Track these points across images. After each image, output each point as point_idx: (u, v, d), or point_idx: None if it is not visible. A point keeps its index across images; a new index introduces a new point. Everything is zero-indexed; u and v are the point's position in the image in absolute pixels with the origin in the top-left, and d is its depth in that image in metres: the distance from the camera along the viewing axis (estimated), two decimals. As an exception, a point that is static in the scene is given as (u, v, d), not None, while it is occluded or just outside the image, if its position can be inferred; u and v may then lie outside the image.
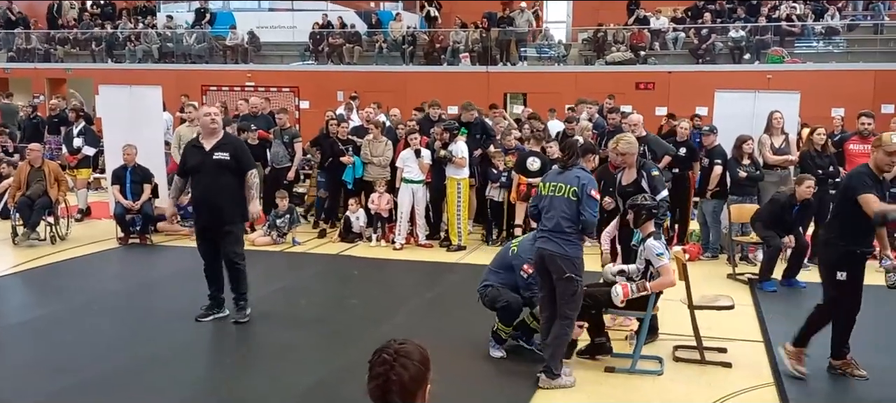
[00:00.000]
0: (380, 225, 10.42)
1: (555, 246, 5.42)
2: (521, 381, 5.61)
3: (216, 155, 6.57)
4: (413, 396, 2.42)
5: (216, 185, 6.58)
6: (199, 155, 6.64)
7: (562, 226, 5.41)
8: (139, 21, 24.40)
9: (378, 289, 8.41)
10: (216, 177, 6.57)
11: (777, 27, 18.93)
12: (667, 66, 19.11)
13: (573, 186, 5.44)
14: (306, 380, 5.62)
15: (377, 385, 2.40)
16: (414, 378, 2.41)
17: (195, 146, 6.77)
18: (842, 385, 5.60)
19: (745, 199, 9.22)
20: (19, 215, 10.13)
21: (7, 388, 5.40)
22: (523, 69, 20.27)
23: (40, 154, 10.56)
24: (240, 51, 22.17)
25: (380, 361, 2.42)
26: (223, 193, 6.59)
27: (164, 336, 6.58)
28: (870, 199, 5.21)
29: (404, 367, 2.40)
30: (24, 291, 8.30)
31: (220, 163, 6.56)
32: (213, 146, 6.61)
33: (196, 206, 6.89)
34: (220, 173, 6.58)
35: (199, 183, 6.68)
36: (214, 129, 6.66)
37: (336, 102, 16.40)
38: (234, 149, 6.71)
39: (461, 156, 9.80)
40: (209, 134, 6.66)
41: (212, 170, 6.57)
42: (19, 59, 23.82)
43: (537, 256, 5.56)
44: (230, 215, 6.67)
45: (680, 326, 6.30)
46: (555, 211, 5.47)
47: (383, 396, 2.40)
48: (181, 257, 9.81)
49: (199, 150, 6.68)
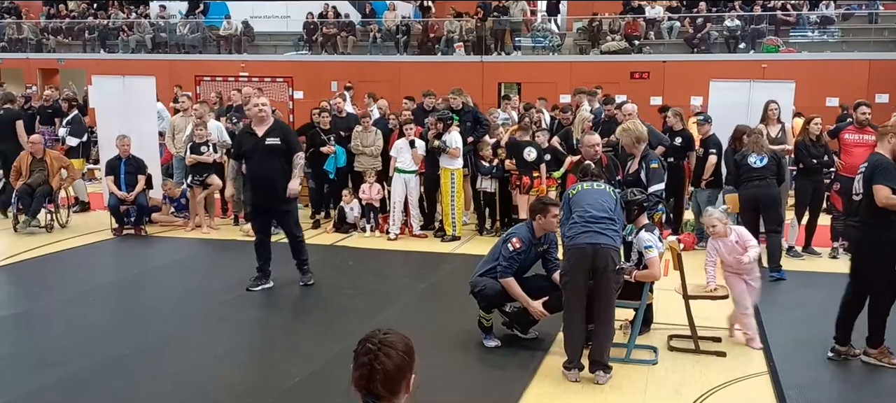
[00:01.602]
0: (373, 215, 10.40)
1: (607, 239, 5.29)
2: (515, 371, 5.60)
3: (268, 140, 7.27)
4: (397, 385, 2.42)
5: (269, 167, 7.28)
6: (253, 140, 7.34)
7: (610, 216, 5.37)
8: (132, 11, 24.25)
9: (372, 280, 8.39)
10: (268, 161, 7.28)
11: (772, 16, 18.92)
12: (662, 55, 19.09)
13: (610, 187, 5.57)
14: (299, 370, 5.61)
15: (361, 375, 2.41)
16: (398, 367, 2.41)
17: (248, 132, 7.48)
18: (837, 374, 5.62)
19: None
20: (20, 203, 10.19)
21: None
22: (518, 58, 20.22)
23: (42, 144, 10.67)
24: (233, 41, 22.07)
25: (364, 351, 2.42)
26: (276, 174, 7.29)
27: (157, 326, 6.56)
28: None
29: (388, 356, 2.40)
30: (16, 283, 8.25)
31: (272, 148, 7.26)
32: (265, 132, 7.29)
33: (253, 186, 7.71)
34: (272, 156, 7.28)
35: (254, 165, 7.40)
36: (264, 118, 7.34)
37: (330, 92, 16.35)
38: (283, 133, 7.44)
39: (455, 146, 9.78)
40: (260, 122, 7.35)
41: (264, 154, 7.26)
42: (11, 49, 23.66)
43: (582, 252, 5.28)
44: (284, 194, 7.33)
45: (675, 315, 6.30)
46: (597, 202, 5.42)
47: (367, 385, 2.40)
48: (176, 248, 9.81)
49: (252, 136, 7.37)
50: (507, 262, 5.85)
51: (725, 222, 6.22)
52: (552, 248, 6.11)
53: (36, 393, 5.17)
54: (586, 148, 6.96)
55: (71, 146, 12.04)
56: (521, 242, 5.86)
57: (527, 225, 6.10)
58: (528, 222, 6.13)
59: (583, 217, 5.38)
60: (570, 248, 5.39)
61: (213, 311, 6.87)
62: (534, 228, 5.96)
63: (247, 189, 7.95)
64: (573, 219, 5.44)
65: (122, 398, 5.17)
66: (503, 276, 5.85)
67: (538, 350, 5.98)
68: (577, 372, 5.42)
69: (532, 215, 6.05)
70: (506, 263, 5.85)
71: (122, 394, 5.22)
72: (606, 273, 5.27)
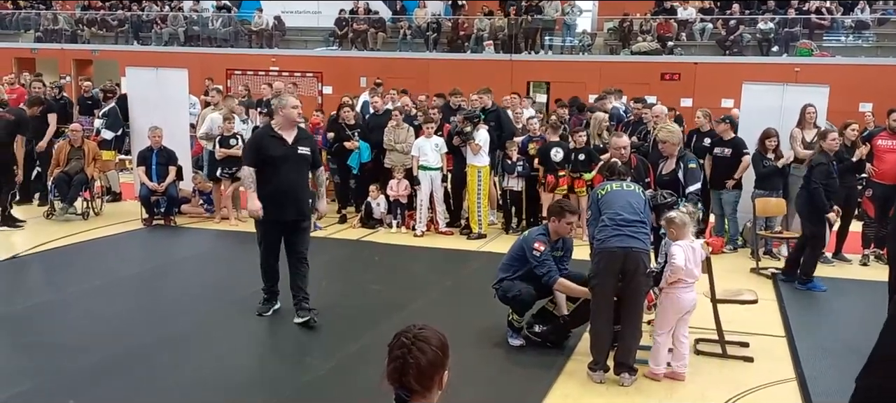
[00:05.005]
0: (400, 211, 10.43)
1: (638, 243, 5.25)
2: (539, 371, 5.59)
3: (300, 149, 6.37)
4: (430, 381, 2.43)
5: (299, 179, 6.43)
6: (282, 147, 6.31)
7: (641, 219, 5.33)
8: (165, 4, 24.54)
9: (398, 275, 8.42)
10: (299, 171, 6.42)
11: (806, 20, 18.65)
12: (693, 56, 18.90)
13: (638, 186, 5.53)
14: (323, 363, 5.65)
15: (394, 368, 2.42)
16: (431, 362, 2.42)
17: (274, 136, 6.37)
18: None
19: (770, 193, 9.11)
20: (57, 190, 10.38)
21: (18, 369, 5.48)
22: (547, 58, 20.14)
23: (81, 134, 10.87)
24: (265, 35, 22.24)
25: (398, 344, 2.44)
26: (303, 187, 6.49)
27: (182, 317, 6.65)
28: None
29: (422, 351, 2.41)
30: (47, 271, 8.38)
31: (303, 158, 6.40)
32: (296, 139, 6.37)
33: (278, 199, 6.31)
34: (302, 167, 6.45)
35: (282, 174, 6.30)
36: (296, 123, 6.47)
37: (359, 88, 16.41)
38: (311, 144, 6.61)
39: (478, 142, 9.77)
40: (290, 126, 6.39)
41: (295, 164, 6.36)
42: (46, 39, 24.05)
43: (612, 255, 5.26)
44: (308, 209, 6.62)
45: (702, 319, 6.23)
46: (627, 204, 5.37)
47: (400, 379, 2.42)
48: (203, 239, 9.94)
49: (280, 142, 6.32)
50: (545, 267, 5.78)
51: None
52: (566, 256, 6.09)
53: (58, 380, 5.24)
54: (615, 150, 6.92)
55: (105, 139, 12.20)
56: (543, 243, 5.85)
57: (544, 227, 6.10)
58: (545, 225, 6.13)
59: (613, 220, 5.33)
60: (600, 251, 5.35)
61: (238, 303, 6.92)
62: (549, 231, 5.96)
63: (265, 203, 6.33)
64: (603, 221, 5.39)
65: (144, 386, 5.24)
66: (552, 281, 5.78)
67: (563, 351, 5.97)
68: (602, 374, 5.40)
69: (548, 217, 6.05)
70: (545, 268, 5.78)
71: (145, 383, 5.28)
72: (636, 276, 5.24)
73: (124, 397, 5.09)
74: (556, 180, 9.80)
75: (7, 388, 5.03)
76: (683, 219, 5.52)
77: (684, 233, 5.46)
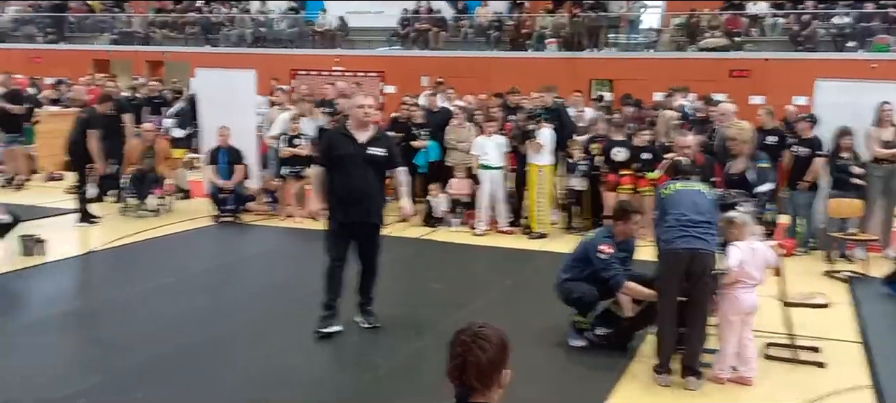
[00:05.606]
0: (461, 210, 10.43)
1: (705, 244, 5.12)
2: (601, 372, 5.52)
3: (371, 149, 6.17)
4: (489, 379, 2.43)
5: (367, 180, 6.18)
6: (351, 146, 6.16)
7: (708, 220, 5.21)
8: (233, 6, 25.10)
9: (458, 274, 8.43)
10: (367, 173, 6.18)
11: (885, 14, 17.91)
12: (763, 52, 18.36)
13: (704, 185, 5.42)
14: (385, 361, 5.68)
15: (455, 366, 2.44)
16: (491, 361, 2.42)
17: (343, 134, 6.29)
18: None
19: (846, 194, 8.79)
20: (133, 187, 10.79)
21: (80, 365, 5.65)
22: (611, 55, 19.86)
23: (155, 133, 11.24)
24: (329, 36, 22.54)
25: (459, 342, 2.45)
26: (373, 189, 6.26)
27: (246, 313, 6.77)
28: None
29: (482, 349, 2.42)
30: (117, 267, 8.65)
31: (373, 158, 6.19)
32: (368, 140, 6.19)
33: (344, 200, 6.16)
34: (372, 168, 6.22)
35: (348, 174, 6.14)
36: (367, 123, 6.26)
37: (420, 87, 16.47)
38: (388, 145, 6.42)
39: (540, 141, 9.69)
40: (362, 126, 6.22)
41: (363, 164, 6.16)
42: (121, 41, 24.89)
43: (678, 257, 5.14)
44: (381, 212, 6.38)
45: (772, 323, 6.05)
46: (693, 204, 5.24)
47: (460, 377, 2.43)
48: (269, 236, 10.18)
49: (349, 141, 6.18)
50: (611, 270, 5.67)
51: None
52: (629, 256, 5.99)
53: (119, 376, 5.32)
54: (679, 149, 6.77)
55: (176, 136, 12.57)
56: (608, 246, 5.75)
57: (608, 229, 6.02)
58: (608, 227, 6.05)
59: (679, 220, 5.20)
60: (666, 252, 5.24)
61: (301, 300, 6.99)
62: (614, 232, 5.87)
63: (333, 203, 6.24)
64: (668, 222, 5.27)
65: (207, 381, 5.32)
66: (619, 284, 5.67)
67: (626, 352, 5.87)
68: (668, 377, 5.29)
69: (614, 219, 5.96)
70: (611, 271, 5.67)
71: (207, 379, 5.35)
72: (703, 278, 5.12)
73: (174, 396, 5.11)
74: (617, 179, 9.67)
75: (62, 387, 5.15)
76: (744, 219, 5.37)
77: (744, 234, 5.31)
